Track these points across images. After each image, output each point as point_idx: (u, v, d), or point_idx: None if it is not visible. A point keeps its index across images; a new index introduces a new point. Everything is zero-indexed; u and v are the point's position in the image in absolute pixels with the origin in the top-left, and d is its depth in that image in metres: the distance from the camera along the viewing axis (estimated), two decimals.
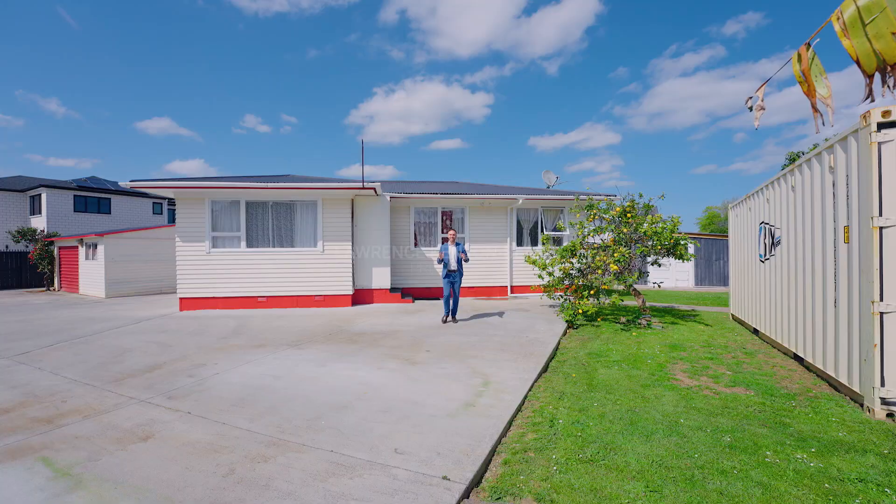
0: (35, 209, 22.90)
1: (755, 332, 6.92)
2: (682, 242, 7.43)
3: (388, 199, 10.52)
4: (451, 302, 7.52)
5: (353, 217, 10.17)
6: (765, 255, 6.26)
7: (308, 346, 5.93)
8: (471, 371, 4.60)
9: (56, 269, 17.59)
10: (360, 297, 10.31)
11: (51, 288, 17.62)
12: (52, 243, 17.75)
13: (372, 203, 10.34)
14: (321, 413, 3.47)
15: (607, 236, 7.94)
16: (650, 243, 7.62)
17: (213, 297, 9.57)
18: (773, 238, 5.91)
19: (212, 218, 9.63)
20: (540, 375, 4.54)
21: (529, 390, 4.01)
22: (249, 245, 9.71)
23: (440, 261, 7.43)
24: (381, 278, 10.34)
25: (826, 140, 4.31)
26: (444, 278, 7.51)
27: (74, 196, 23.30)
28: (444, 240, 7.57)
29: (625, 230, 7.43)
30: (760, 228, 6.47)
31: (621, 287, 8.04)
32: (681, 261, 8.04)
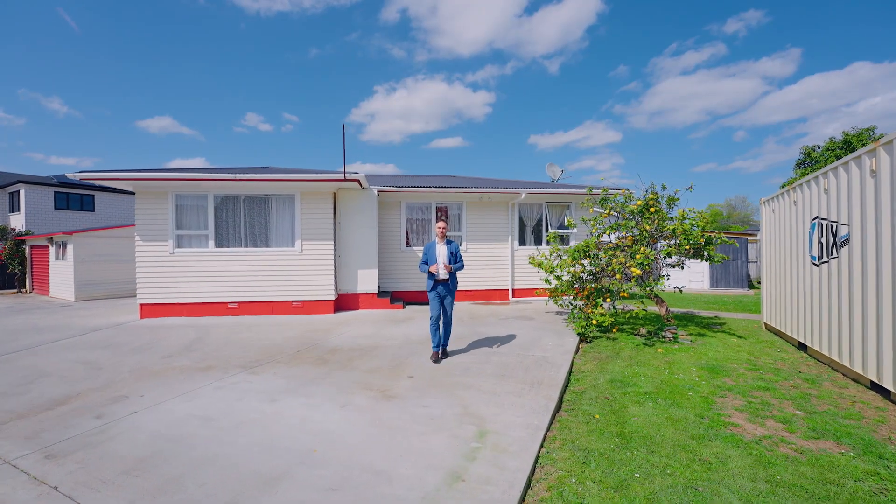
0: (14, 206, 21.89)
1: (801, 347, 5.85)
2: (714, 241, 6.33)
3: (376, 193, 9.42)
4: (440, 327, 5.23)
5: (335, 213, 9.08)
6: (821, 256, 5.17)
7: (265, 370, 4.85)
8: (462, 411, 3.52)
9: (28, 270, 16.52)
10: (344, 302, 9.24)
11: (22, 290, 16.55)
12: (23, 242, 16.66)
13: (357, 197, 9.25)
14: (240, 492, 2.40)
15: (624, 234, 6.85)
16: (674, 242, 6.53)
17: (178, 304, 8.49)
18: (834, 236, 4.83)
19: (176, 214, 8.54)
20: (553, 418, 3.46)
21: (541, 446, 2.93)
22: (219, 245, 8.63)
23: (424, 267, 5.14)
24: (367, 281, 9.26)
25: None
26: (430, 291, 5.11)
27: (55, 193, 22.28)
28: (441, 235, 5.19)
29: (647, 227, 6.33)
30: (814, 225, 5.38)
31: (639, 292, 6.97)
32: (708, 262, 6.96)
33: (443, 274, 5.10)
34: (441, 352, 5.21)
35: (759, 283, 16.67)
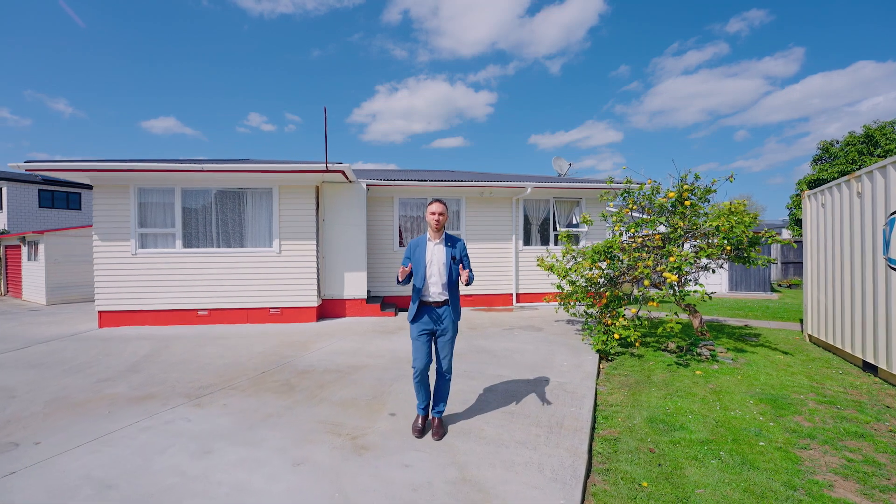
0: None
1: (867, 367, 4.86)
2: (760, 241, 5.34)
3: (365, 187, 8.45)
4: (427, 383, 3.16)
5: (319, 210, 8.12)
6: None
7: (214, 400, 3.88)
8: (457, 476, 2.54)
9: (2, 271, 15.60)
10: (329, 308, 8.27)
11: None
12: None
13: (344, 192, 8.28)
14: None
15: (650, 232, 5.87)
16: (709, 241, 5.54)
17: (141, 311, 7.54)
18: None
19: (139, 210, 7.58)
20: (585, 488, 2.48)
21: None
22: (187, 245, 7.67)
23: (404, 279, 3.01)
24: (355, 286, 8.29)
25: None
26: (414, 322, 3.08)
27: (39, 190, 21.45)
28: (436, 227, 3.07)
29: (681, 224, 5.34)
30: (892, 221, 4.39)
31: (667, 300, 5.99)
32: (745, 265, 5.98)
33: (436, 294, 3.04)
34: (435, 422, 3.14)
35: (781, 285, 15.69)
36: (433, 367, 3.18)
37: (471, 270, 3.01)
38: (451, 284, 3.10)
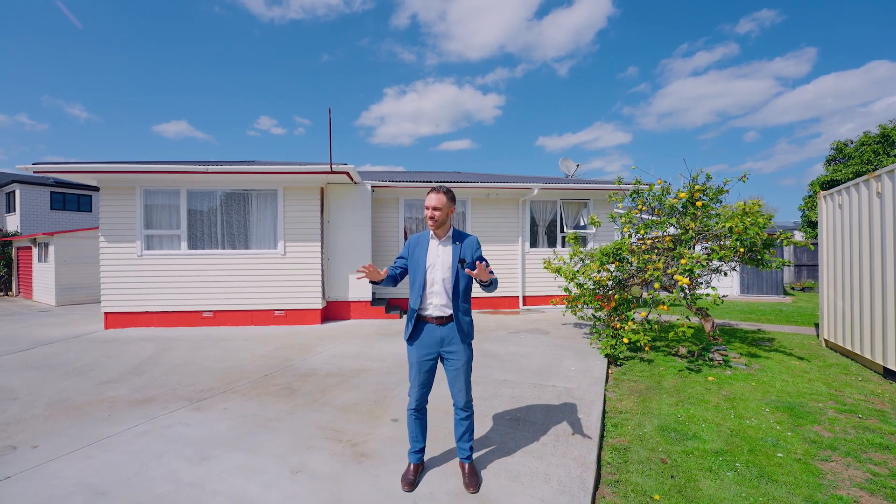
0: (10, 207, 21.41)
1: (889, 374, 4.67)
2: (775, 243, 5.18)
3: (370, 188, 8.40)
4: (426, 420, 2.60)
5: (323, 211, 8.07)
6: None
7: (214, 404, 3.82)
8: (461, 487, 2.44)
9: (14, 273, 15.82)
10: (334, 311, 8.21)
11: (9, 293, 15.84)
12: (10, 243, 15.98)
13: (348, 193, 8.23)
14: None
15: (660, 233, 5.73)
16: (720, 243, 5.38)
17: (146, 312, 7.54)
18: None
19: (144, 212, 7.60)
20: (594, 500, 2.37)
21: None
22: (192, 246, 7.67)
23: (392, 276, 2.57)
24: (360, 288, 8.23)
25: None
26: (413, 343, 2.48)
27: (51, 193, 21.77)
28: (436, 222, 2.47)
29: (692, 225, 5.19)
30: None
31: (677, 303, 5.85)
32: (758, 268, 5.81)
33: (437, 307, 2.38)
34: (466, 468, 2.47)
35: (794, 289, 15.34)
36: (445, 398, 2.86)
37: (489, 268, 2.29)
38: (459, 295, 2.39)
